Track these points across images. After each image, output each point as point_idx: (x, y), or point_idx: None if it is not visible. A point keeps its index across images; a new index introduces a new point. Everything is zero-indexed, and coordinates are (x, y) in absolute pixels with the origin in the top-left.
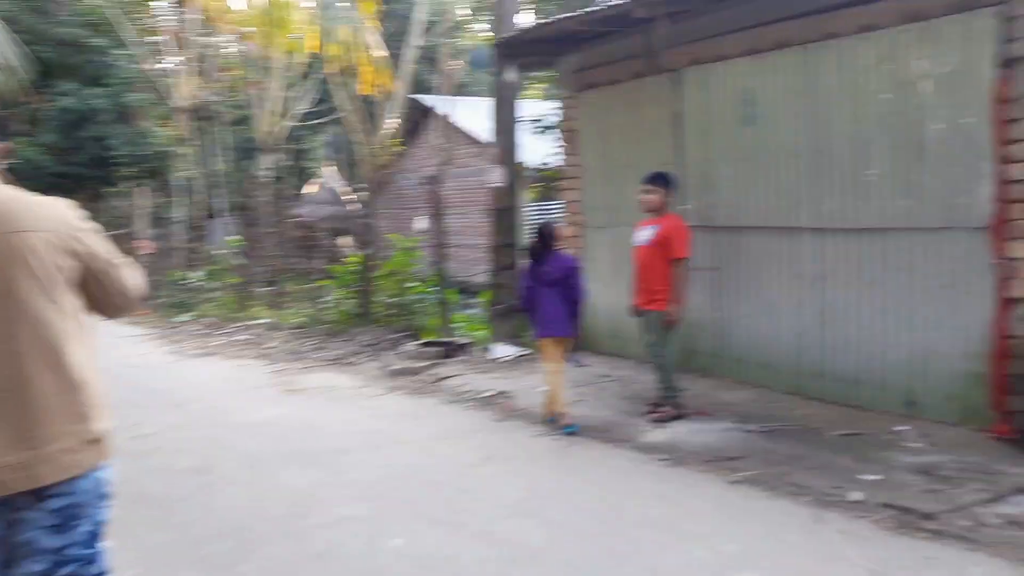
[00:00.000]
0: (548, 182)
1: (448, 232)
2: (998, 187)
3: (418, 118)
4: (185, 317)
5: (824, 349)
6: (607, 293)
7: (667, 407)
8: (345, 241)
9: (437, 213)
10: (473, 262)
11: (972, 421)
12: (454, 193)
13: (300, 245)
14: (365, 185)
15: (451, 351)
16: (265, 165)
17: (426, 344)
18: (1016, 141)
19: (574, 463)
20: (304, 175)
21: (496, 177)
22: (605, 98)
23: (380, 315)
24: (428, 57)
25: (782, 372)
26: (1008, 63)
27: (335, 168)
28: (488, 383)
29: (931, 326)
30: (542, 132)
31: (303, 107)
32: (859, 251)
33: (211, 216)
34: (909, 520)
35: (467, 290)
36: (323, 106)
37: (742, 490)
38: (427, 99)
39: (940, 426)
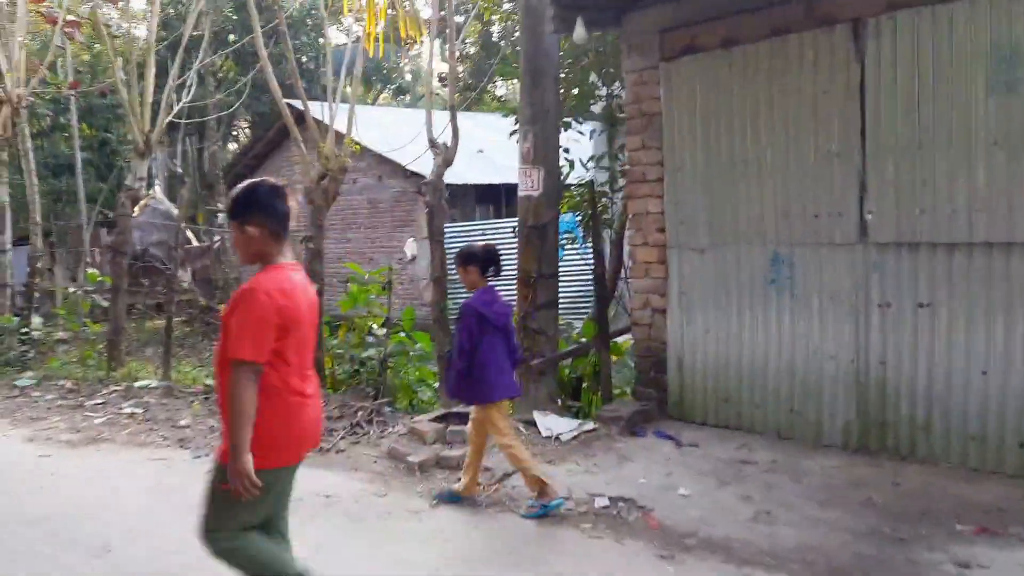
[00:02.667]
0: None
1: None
2: None
3: (280, 125)
4: (28, 379)
5: None
6: (710, 341)
7: None
8: (183, 273)
9: (436, 234)
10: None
11: None
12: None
13: (137, 278)
14: (314, 197)
15: None
16: (140, 174)
17: (440, 419)
18: None
19: None
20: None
21: (529, 183)
22: (713, 67)
23: (337, 376)
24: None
25: None
26: None
27: (160, 187)
28: (580, 481)
29: None
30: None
31: (183, 99)
32: None
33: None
34: None
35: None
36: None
37: None
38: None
39: None
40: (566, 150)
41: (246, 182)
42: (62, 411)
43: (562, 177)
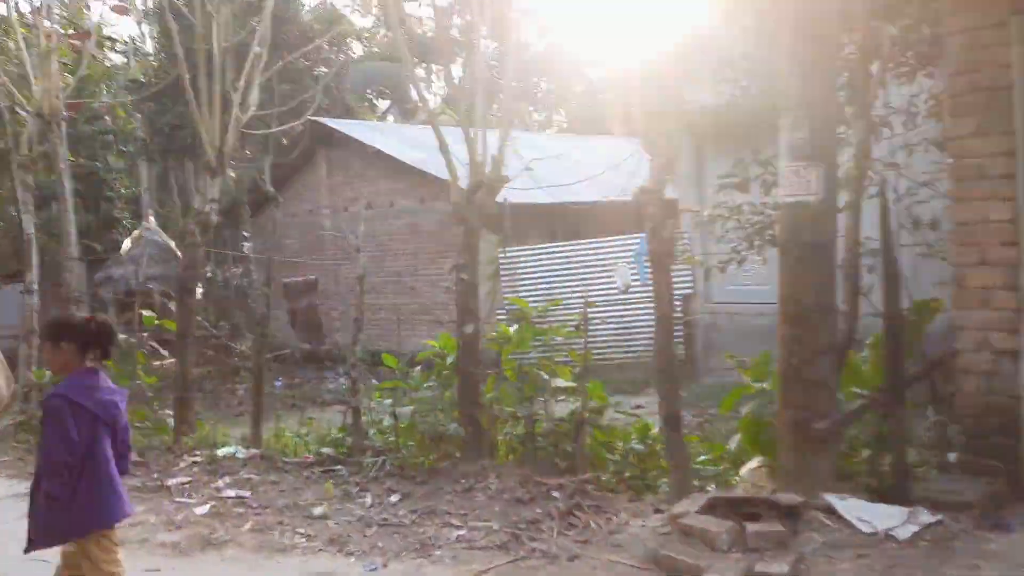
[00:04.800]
0: None
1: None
2: None
3: (310, 144)
4: None
5: None
6: None
7: None
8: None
9: (661, 257)
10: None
11: None
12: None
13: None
14: (467, 214)
15: (782, 521)
16: (211, 195)
17: (709, 508)
18: None
19: None
20: (113, 225)
21: (803, 184)
22: None
23: (499, 441)
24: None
25: None
26: None
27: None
28: None
29: None
30: None
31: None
32: None
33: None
34: None
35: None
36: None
37: None
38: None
39: None
40: None
41: None
42: (142, 495)
43: None
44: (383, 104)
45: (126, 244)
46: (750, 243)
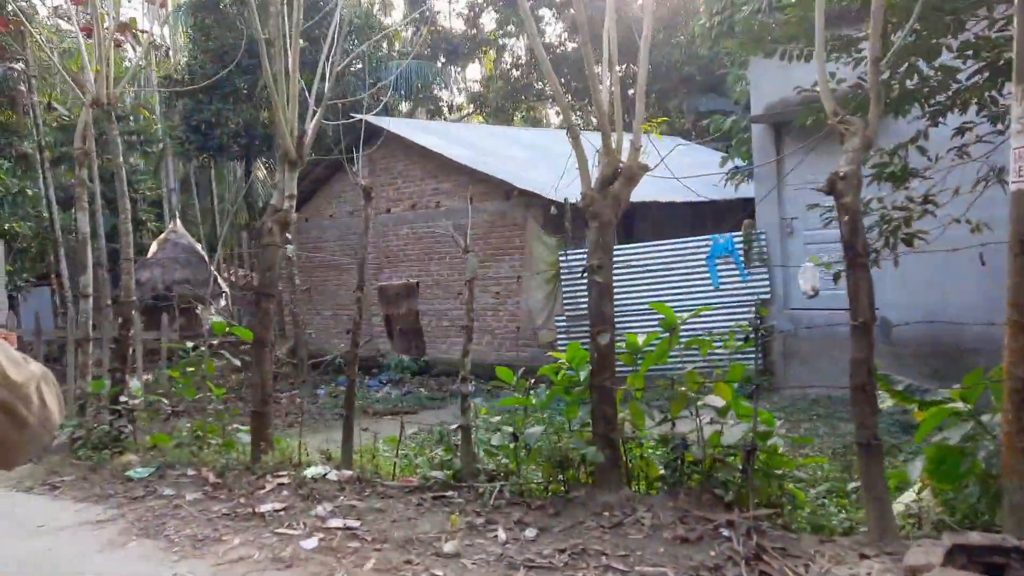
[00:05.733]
0: None
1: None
2: None
3: (353, 143)
4: (144, 469)
5: None
6: None
7: None
8: (206, 312)
9: (859, 254)
10: None
11: None
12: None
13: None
14: (600, 209)
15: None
16: (289, 190)
17: (950, 555)
18: None
19: None
20: (138, 228)
21: None
22: None
23: (630, 459)
24: None
25: None
26: None
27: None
28: None
29: None
30: None
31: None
32: None
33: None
34: None
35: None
36: None
37: None
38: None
39: None
40: None
41: None
42: (233, 524)
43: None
44: (406, 105)
45: (152, 247)
46: (886, 241)
